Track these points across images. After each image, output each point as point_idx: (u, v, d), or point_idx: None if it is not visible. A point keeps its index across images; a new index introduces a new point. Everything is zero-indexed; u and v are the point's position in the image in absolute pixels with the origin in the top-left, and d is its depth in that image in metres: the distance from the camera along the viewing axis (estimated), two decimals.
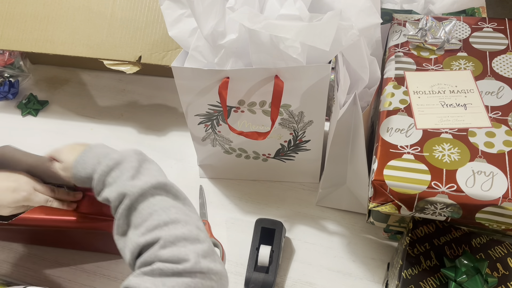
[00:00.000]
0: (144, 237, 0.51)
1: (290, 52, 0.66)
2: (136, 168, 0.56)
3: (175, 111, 1.07)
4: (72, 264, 0.81)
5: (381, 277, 0.76)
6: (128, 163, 0.56)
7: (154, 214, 0.53)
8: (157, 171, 0.58)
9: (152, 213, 0.53)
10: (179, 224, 0.52)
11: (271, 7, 0.70)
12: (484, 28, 0.83)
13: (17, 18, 0.96)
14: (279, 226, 0.77)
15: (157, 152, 0.99)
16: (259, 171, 0.90)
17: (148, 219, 0.52)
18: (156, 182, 0.55)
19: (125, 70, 0.92)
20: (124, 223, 0.54)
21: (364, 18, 0.68)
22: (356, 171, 0.80)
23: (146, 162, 0.58)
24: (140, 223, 0.53)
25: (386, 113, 0.71)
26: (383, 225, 0.75)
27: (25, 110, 1.09)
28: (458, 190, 0.60)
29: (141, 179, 0.55)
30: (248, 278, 0.73)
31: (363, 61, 0.73)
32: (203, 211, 0.86)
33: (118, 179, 0.56)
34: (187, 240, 0.51)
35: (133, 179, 0.55)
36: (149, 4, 0.93)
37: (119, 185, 0.55)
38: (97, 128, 1.05)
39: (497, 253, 0.63)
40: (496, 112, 0.69)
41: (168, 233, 0.51)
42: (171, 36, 0.77)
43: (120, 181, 0.55)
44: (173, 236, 0.51)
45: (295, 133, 0.80)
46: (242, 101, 0.75)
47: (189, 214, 0.54)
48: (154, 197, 0.54)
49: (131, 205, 0.54)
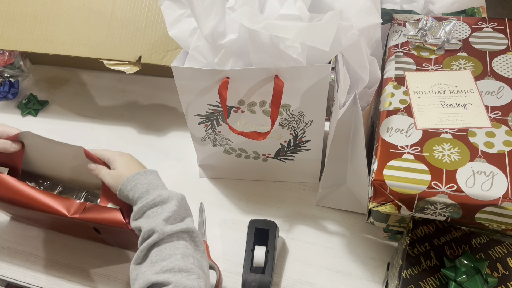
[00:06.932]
0: (157, 276, 0.54)
1: (290, 52, 0.66)
2: (174, 211, 0.60)
3: (175, 111, 1.08)
4: (72, 264, 0.81)
5: (381, 277, 0.76)
6: (171, 205, 0.60)
7: (173, 256, 0.55)
8: (190, 219, 0.62)
9: (171, 255, 0.56)
10: (192, 275, 0.54)
11: (271, 7, 0.70)
12: (484, 28, 0.83)
13: (17, 18, 0.97)
14: (272, 226, 0.77)
15: (157, 152, 0.99)
16: (259, 171, 0.90)
17: (166, 260, 0.55)
18: (186, 227, 0.59)
19: (125, 70, 0.92)
20: (144, 256, 0.58)
21: (364, 18, 0.68)
22: (356, 171, 0.80)
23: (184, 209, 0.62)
24: (157, 260, 0.56)
25: (386, 113, 0.71)
26: (383, 225, 0.75)
27: (25, 110, 1.09)
28: (458, 190, 0.60)
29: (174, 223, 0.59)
30: (244, 280, 0.73)
31: (363, 61, 0.73)
32: (202, 231, 0.84)
33: (157, 215, 0.59)
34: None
35: (168, 220, 0.59)
36: (149, 4, 0.93)
37: (155, 221, 0.58)
38: (97, 128, 1.05)
39: (497, 253, 0.63)
40: (496, 112, 0.69)
41: (180, 280, 0.53)
42: (171, 36, 0.77)
43: (157, 218, 0.59)
44: (183, 286, 0.53)
45: (295, 133, 0.80)
46: (242, 101, 0.75)
47: (203, 269, 0.57)
48: (179, 241, 0.58)
49: (157, 241, 0.57)
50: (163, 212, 0.59)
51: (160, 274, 0.54)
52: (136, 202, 0.62)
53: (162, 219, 0.58)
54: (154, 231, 0.58)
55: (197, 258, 0.57)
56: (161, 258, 0.55)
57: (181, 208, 0.61)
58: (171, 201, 0.61)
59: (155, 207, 0.60)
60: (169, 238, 0.57)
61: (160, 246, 0.57)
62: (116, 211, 0.68)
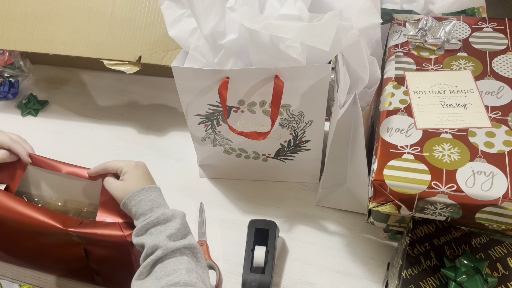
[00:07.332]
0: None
1: (290, 52, 0.66)
2: (178, 229, 0.61)
3: (175, 111, 1.08)
4: None
5: (381, 277, 0.76)
6: (174, 223, 0.61)
7: (177, 272, 0.56)
8: (191, 236, 0.63)
9: (176, 270, 0.56)
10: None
11: (271, 7, 0.70)
12: (484, 28, 0.83)
13: (17, 18, 0.97)
14: (272, 226, 0.77)
15: (157, 152, 0.99)
16: (259, 171, 0.90)
17: (171, 275, 0.56)
18: (188, 243, 0.60)
19: (125, 70, 0.92)
20: (147, 271, 0.58)
21: (364, 18, 0.68)
22: (356, 171, 0.80)
23: (185, 226, 0.63)
24: (162, 276, 0.56)
25: (386, 113, 0.71)
26: (383, 225, 0.75)
27: (25, 110, 1.09)
28: (458, 190, 0.60)
29: (178, 239, 0.60)
30: (244, 280, 0.73)
31: (363, 61, 0.73)
32: (202, 231, 0.84)
33: (160, 233, 0.60)
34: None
35: (171, 237, 0.60)
36: (149, 4, 0.93)
37: (159, 238, 0.59)
38: (97, 128, 1.05)
39: (497, 253, 0.63)
40: (496, 112, 0.69)
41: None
42: (171, 36, 0.77)
43: (161, 235, 0.60)
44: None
45: (295, 133, 0.80)
46: (242, 101, 0.75)
47: (205, 283, 0.58)
48: (182, 257, 0.59)
49: (161, 257, 0.58)
50: (166, 230, 0.60)
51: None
52: (138, 218, 0.63)
53: (166, 235, 0.59)
54: (158, 247, 0.58)
55: (200, 273, 0.58)
56: (166, 273, 0.56)
57: (183, 226, 0.62)
58: (174, 220, 0.62)
59: (159, 225, 0.61)
60: (173, 254, 0.58)
61: (164, 262, 0.58)
62: (114, 224, 0.67)
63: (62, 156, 0.77)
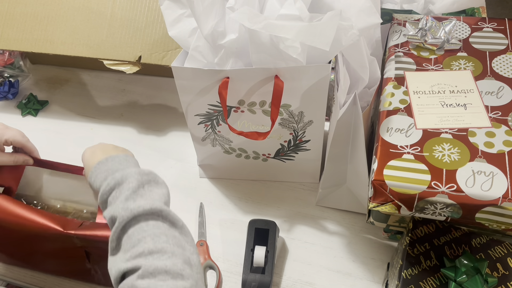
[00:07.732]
0: (127, 263, 0.49)
1: (290, 52, 0.66)
2: (133, 190, 0.54)
3: (175, 111, 1.08)
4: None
5: (381, 277, 0.76)
6: (127, 184, 0.54)
7: (142, 240, 0.50)
8: (158, 195, 0.55)
9: (141, 240, 0.50)
10: (164, 254, 0.49)
11: (271, 7, 0.70)
12: (484, 28, 0.83)
13: (17, 18, 0.97)
14: (272, 226, 0.77)
15: (157, 152, 0.99)
16: (259, 171, 0.90)
17: (136, 245, 0.50)
18: (150, 207, 0.52)
19: (125, 70, 0.92)
20: (116, 246, 0.52)
21: (364, 18, 0.68)
22: (356, 171, 0.80)
23: (148, 184, 0.56)
24: (128, 248, 0.51)
25: (386, 113, 0.71)
26: (383, 225, 0.75)
27: (25, 110, 1.09)
28: (458, 190, 0.60)
29: (136, 202, 0.53)
30: (244, 280, 0.73)
31: (363, 61, 0.73)
32: (202, 231, 0.83)
33: (116, 199, 0.54)
34: (169, 274, 0.47)
35: (126, 201, 0.53)
36: (149, 4, 0.93)
37: (113, 207, 0.53)
38: (97, 128, 1.05)
39: (497, 253, 0.63)
40: (496, 112, 0.69)
41: (149, 263, 0.48)
42: (171, 36, 0.77)
43: (116, 203, 0.54)
44: (153, 267, 0.47)
45: (295, 133, 0.80)
46: (242, 101, 0.75)
47: (181, 245, 0.51)
48: (147, 222, 0.52)
49: (122, 228, 0.52)
50: (121, 194, 0.54)
51: (130, 261, 0.49)
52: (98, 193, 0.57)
53: (121, 201, 0.53)
54: (115, 217, 0.52)
55: (172, 235, 0.52)
56: (132, 244, 0.50)
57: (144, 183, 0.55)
58: (129, 179, 0.55)
59: (113, 192, 0.55)
60: (135, 222, 0.52)
61: (128, 233, 0.51)
62: None
63: (62, 156, 0.78)
